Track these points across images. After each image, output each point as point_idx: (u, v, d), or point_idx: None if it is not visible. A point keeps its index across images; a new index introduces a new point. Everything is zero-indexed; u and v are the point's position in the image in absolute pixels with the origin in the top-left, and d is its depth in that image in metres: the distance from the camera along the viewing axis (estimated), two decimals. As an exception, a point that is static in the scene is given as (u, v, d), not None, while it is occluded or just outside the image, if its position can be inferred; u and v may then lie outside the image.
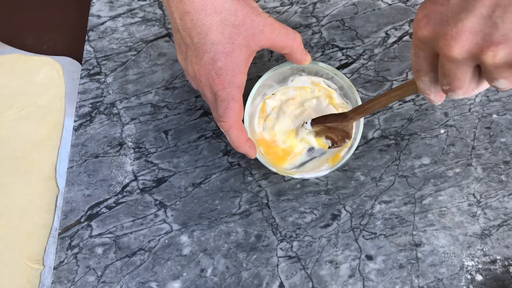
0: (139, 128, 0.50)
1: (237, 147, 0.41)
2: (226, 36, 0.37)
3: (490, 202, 0.47)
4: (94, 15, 0.54)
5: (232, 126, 0.39)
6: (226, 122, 0.39)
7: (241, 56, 0.38)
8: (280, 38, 0.39)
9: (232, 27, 0.37)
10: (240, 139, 0.40)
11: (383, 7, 0.54)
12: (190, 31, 0.37)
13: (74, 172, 0.49)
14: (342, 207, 0.47)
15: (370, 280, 0.45)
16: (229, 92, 0.38)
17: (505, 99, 0.51)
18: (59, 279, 0.46)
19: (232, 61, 0.38)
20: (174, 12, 0.37)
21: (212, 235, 0.47)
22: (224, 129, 0.39)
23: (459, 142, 0.49)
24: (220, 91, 0.38)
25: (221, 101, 0.38)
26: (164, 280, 0.45)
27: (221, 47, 0.37)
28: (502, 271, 0.45)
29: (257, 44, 0.39)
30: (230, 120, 0.39)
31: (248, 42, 0.38)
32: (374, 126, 0.50)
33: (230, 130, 0.39)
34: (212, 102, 0.40)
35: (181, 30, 0.38)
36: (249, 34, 0.38)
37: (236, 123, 0.39)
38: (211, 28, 0.36)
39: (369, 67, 0.52)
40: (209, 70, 0.38)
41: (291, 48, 0.41)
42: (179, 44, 0.40)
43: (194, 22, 0.36)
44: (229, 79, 0.38)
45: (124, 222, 0.47)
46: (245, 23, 0.37)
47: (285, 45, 0.40)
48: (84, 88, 0.52)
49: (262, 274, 0.45)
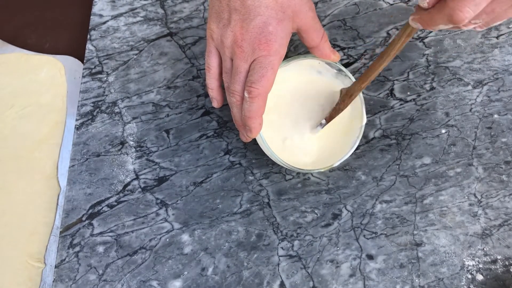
0: (140, 127, 0.50)
1: (250, 118, 0.40)
2: (279, 4, 0.38)
3: (491, 202, 0.47)
4: (96, 14, 0.54)
5: (260, 94, 0.38)
6: (257, 89, 0.38)
7: (289, 28, 0.39)
8: (318, 26, 0.41)
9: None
10: (259, 112, 0.40)
11: (384, 7, 0.54)
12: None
13: (75, 171, 0.49)
14: (343, 206, 0.47)
15: (370, 280, 0.45)
16: (271, 60, 0.38)
17: (506, 99, 0.51)
18: (61, 277, 0.46)
19: (283, 29, 0.38)
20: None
21: (213, 234, 0.47)
22: (252, 95, 0.38)
23: (460, 142, 0.49)
24: (263, 57, 0.38)
25: (260, 67, 0.38)
26: (165, 279, 0.45)
27: (274, 13, 0.38)
28: (502, 271, 0.45)
29: (297, 23, 0.40)
30: (262, 88, 0.38)
31: (294, 16, 0.39)
32: (375, 126, 0.50)
33: (256, 98, 0.39)
34: (242, 72, 0.39)
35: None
36: (297, 9, 0.39)
37: (265, 93, 0.39)
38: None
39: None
40: (258, 33, 0.38)
41: (321, 39, 0.42)
42: (220, 11, 0.40)
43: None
44: (276, 47, 0.38)
45: (125, 220, 0.47)
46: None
47: (319, 35, 0.41)
48: (86, 87, 0.52)
49: (263, 273, 0.46)
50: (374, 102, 0.51)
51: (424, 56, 0.52)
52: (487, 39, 0.53)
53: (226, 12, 0.39)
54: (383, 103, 0.51)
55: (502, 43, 0.53)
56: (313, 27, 0.40)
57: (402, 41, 0.35)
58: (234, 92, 0.40)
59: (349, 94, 0.42)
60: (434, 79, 0.52)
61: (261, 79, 0.38)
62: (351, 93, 0.42)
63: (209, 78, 0.44)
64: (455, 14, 0.28)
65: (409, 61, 0.52)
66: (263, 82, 0.38)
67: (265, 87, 0.38)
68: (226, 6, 0.39)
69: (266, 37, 0.38)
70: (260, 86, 0.38)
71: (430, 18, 0.30)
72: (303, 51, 0.52)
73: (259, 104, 0.39)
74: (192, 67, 0.52)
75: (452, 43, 0.53)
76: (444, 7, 0.29)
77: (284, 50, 0.39)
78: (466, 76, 0.52)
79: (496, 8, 0.29)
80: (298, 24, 0.40)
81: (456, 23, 0.29)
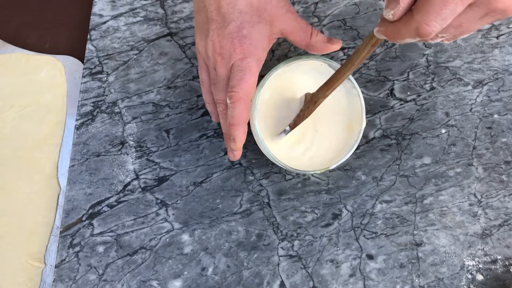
0: (140, 127, 0.50)
1: (233, 125, 0.39)
2: (254, 8, 0.38)
3: (491, 202, 0.47)
4: (96, 14, 0.54)
5: (241, 98, 0.38)
6: (237, 92, 0.38)
7: (265, 31, 0.38)
8: (303, 25, 0.40)
9: (260, 1, 0.38)
10: (241, 116, 0.39)
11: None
12: (219, 2, 0.37)
13: (75, 171, 0.49)
14: (343, 206, 0.47)
15: (370, 280, 0.45)
16: (248, 62, 0.38)
17: (507, 99, 0.51)
18: (61, 277, 0.46)
19: (257, 32, 0.38)
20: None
21: (213, 234, 0.47)
22: (232, 100, 0.38)
23: (460, 142, 0.50)
24: (239, 60, 0.38)
25: (237, 71, 0.37)
26: (165, 279, 0.45)
27: (248, 17, 0.38)
28: (502, 271, 0.45)
29: (278, 27, 0.39)
30: (242, 91, 0.38)
31: (272, 20, 0.39)
32: (375, 126, 0.50)
33: (237, 102, 0.38)
34: (224, 79, 0.39)
35: (208, 5, 0.38)
36: (274, 13, 0.39)
37: (245, 96, 0.38)
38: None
39: (370, 66, 0.52)
40: (233, 38, 0.37)
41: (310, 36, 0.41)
42: (201, 23, 0.40)
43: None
44: (251, 49, 0.38)
45: (125, 220, 0.47)
46: (272, 1, 0.39)
47: (306, 33, 0.41)
48: (86, 87, 0.52)
49: (263, 273, 0.46)
50: (374, 102, 0.51)
51: (424, 56, 0.52)
52: (487, 39, 0.53)
53: (206, 23, 0.39)
54: (383, 103, 0.51)
55: (502, 43, 0.53)
56: (297, 27, 0.40)
57: (367, 50, 0.35)
58: (219, 100, 0.40)
59: (313, 100, 0.42)
60: (434, 79, 0.52)
61: (240, 82, 0.38)
62: (316, 100, 0.42)
63: (204, 92, 0.45)
64: (421, 28, 0.28)
65: (409, 61, 0.52)
66: (242, 85, 0.38)
67: (245, 89, 0.38)
68: (205, 18, 0.39)
69: (241, 40, 0.37)
70: (239, 89, 0.38)
71: (396, 31, 0.30)
72: (303, 51, 0.52)
73: (241, 108, 0.38)
74: (192, 67, 0.52)
75: (452, 43, 0.53)
76: (410, 20, 0.28)
77: (263, 53, 0.39)
78: (466, 76, 0.52)
79: (463, 22, 0.29)
80: (280, 28, 0.39)
81: (422, 36, 0.28)
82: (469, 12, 0.28)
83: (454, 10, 0.27)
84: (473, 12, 0.28)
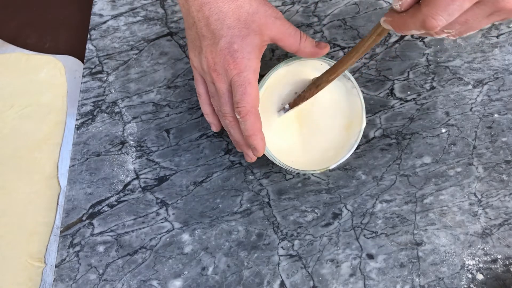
0: (140, 126, 0.50)
1: (250, 136, 0.40)
2: (242, 22, 0.38)
3: (491, 202, 0.47)
4: (96, 14, 0.54)
5: (249, 111, 0.39)
6: (244, 107, 0.39)
7: (256, 41, 0.39)
8: (292, 31, 0.41)
9: (247, 14, 0.39)
10: (255, 127, 0.40)
11: (384, 7, 0.54)
12: (207, 19, 0.38)
13: (76, 171, 0.49)
14: (343, 206, 0.47)
15: (371, 279, 0.45)
16: (245, 76, 0.38)
17: (507, 99, 0.51)
18: (61, 277, 0.46)
19: (248, 44, 0.39)
20: (192, 6, 0.39)
21: (213, 233, 0.47)
22: (241, 115, 0.39)
23: (460, 141, 0.50)
24: (236, 76, 0.38)
25: (238, 86, 0.38)
26: (165, 278, 0.45)
27: (237, 31, 0.38)
28: (503, 270, 0.45)
29: (268, 35, 0.40)
30: (248, 105, 0.39)
31: (261, 29, 0.39)
32: (376, 125, 0.50)
33: (247, 116, 0.39)
34: (225, 93, 0.40)
35: (197, 22, 0.39)
36: (262, 22, 0.39)
37: (253, 108, 0.39)
38: (227, 14, 0.38)
39: (370, 66, 0.52)
40: (225, 54, 0.38)
41: (299, 41, 0.41)
42: (193, 40, 0.41)
43: (212, 10, 0.38)
44: (245, 63, 0.38)
45: (125, 220, 0.47)
46: (259, 11, 0.39)
47: (296, 39, 0.41)
48: (86, 87, 0.52)
49: (263, 272, 0.46)
50: (374, 101, 0.51)
51: (424, 56, 0.52)
52: (487, 39, 0.53)
53: (197, 40, 0.40)
54: (383, 102, 0.51)
55: (502, 43, 0.53)
56: (286, 33, 0.40)
57: (372, 39, 0.35)
58: (225, 114, 0.41)
59: (316, 83, 0.43)
60: (434, 79, 0.52)
61: (244, 97, 0.38)
62: (319, 83, 0.42)
63: (202, 104, 0.45)
64: (428, 20, 0.28)
65: (409, 61, 0.52)
66: (246, 99, 0.38)
67: (250, 102, 0.39)
68: (196, 34, 0.40)
69: (233, 55, 0.38)
70: (245, 103, 0.39)
71: (403, 22, 0.30)
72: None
73: (252, 120, 0.39)
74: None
75: (452, 43, 0.53)
76: (417, 12, 0.29)
77: (256, 63, 0.39)
78: (466, 75, 0.52)
79: (469, 19, 0.29)
80: (270, 35, 0.40)
81: (428, 29, 0.29)
82: (475, 9, 0.28)
83: (461, 6, 0.27)
84: (479, 10, 0.28)
